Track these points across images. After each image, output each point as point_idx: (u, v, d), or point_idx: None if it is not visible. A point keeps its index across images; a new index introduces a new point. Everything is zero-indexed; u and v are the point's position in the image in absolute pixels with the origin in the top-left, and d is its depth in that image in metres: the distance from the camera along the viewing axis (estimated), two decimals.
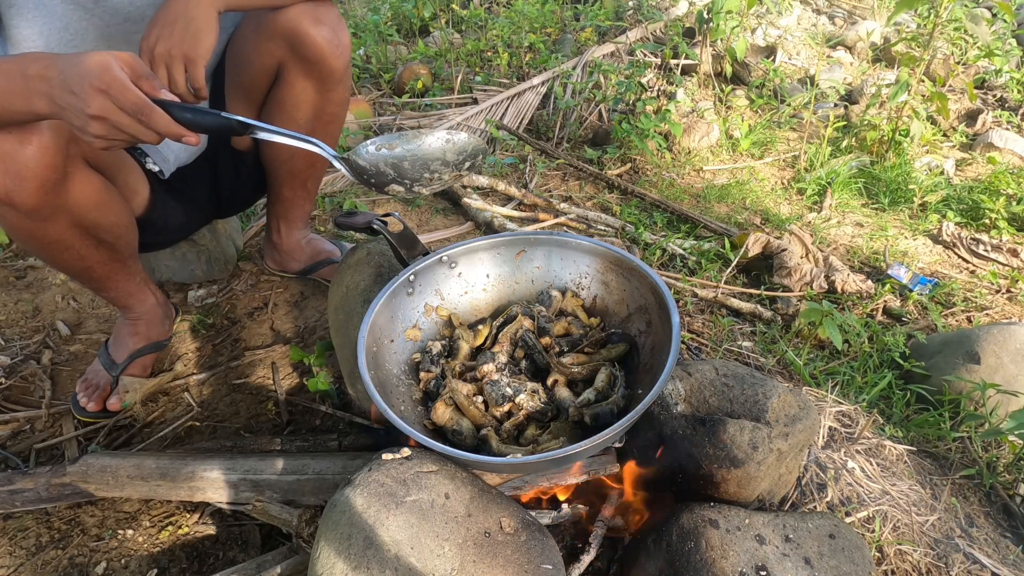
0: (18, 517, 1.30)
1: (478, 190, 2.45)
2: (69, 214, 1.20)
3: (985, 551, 1.27)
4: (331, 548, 0.90)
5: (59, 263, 1.34)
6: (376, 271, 1.42)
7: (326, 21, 1.33)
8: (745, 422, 1.12)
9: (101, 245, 1.31)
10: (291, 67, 1.39)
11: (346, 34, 1.38)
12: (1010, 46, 3.67)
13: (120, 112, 0.91)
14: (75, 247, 1.27)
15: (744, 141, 2.98)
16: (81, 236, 1.26)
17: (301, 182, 1.65)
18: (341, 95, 1.47)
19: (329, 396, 1.54)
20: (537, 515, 1.09)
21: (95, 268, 1.36)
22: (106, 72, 0.89)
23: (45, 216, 1.17)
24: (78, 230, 1.24)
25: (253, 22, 1.35)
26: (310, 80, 1.40)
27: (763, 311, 1.95)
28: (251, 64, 1.40)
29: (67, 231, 1.23)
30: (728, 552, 1.00)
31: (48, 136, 1.07)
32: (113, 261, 1.38)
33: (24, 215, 1.14)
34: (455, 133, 1.11)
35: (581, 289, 1.35)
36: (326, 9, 1.33)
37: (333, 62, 1.37)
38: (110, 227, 1.31)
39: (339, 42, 1.36)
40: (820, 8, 4.65)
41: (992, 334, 1.66)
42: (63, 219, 1.20)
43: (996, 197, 2.54)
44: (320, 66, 1.37)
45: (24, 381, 1.62)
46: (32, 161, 1.07)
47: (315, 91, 1.42)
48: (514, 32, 3.45)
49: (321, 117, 1.47)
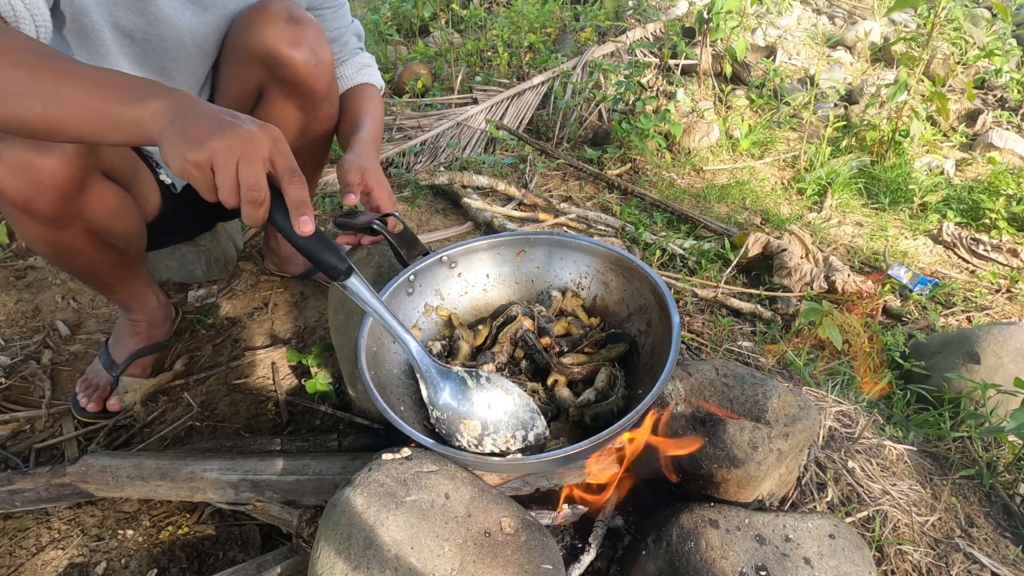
0: (18, 517, 1.30)
1: (478, 190, 2.45)
2: (84, 221, 1.21)
3: (985, 551, 1.27)
4: (331, 548, 0.90)
5: (69, 267, 1.35)
6: (376, 271, 1.42)
7: (304, 41, 1.29)
8: (745, 422, 1.12)
9: (112, 250, 1.32)
10: (272, 90, 1.36)
11: (327, 51, 1.33)
12: (1010, 46, 3.67)
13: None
14: (87, 252, 1.28)
15: (744, 141, 2.98)
16: (94, 242, 1.26)
17: None
18: (326, 112, 1.43)
19: (328, 397, 1.54)
20: (537, 515, 1.09)
21: (104, 272, 1.37)
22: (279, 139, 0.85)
23: (61, 223, 1.18)
24: (91, 236, 1.25)
25: (232, 48, 1.32)
26: (291, 101, 1.37)
27: (763, 311, 1.95)
28: (233, 89, 1.38)
29: (81, 237, 1.24)
30: (728, 552, 1.00)
31: (70, 146, 1.07)
32: (122, 265, 1.39)
33: (41, 222, 1.15)
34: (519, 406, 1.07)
35: (581, 289, 1.35)
36: (303, 29, 1.29)
37: (313, 83, 1.34)
38: (123, 234, 1.31)
39: (319, 61, 1.32)
40: (820, 8, 4.65)
41: (992, 334, 1.66)
42: (78, 226, 1.21)
43: (996, 197, 2.55)
44: (301, 87, 1.34)
45: (24, 381, 1.62)
46: (53, 171, 1.08)
47: (299, 111, 1.39)
48: (514, 32, 3.45)
49: (307, 135, 1.45)
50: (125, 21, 1.19)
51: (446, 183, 2.40)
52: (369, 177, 1.23)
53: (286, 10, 1.27)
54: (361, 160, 1.25)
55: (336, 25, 1.46)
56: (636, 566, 1.08)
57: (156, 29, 1.23)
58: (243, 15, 1.29)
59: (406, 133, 2.79)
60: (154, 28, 1.22)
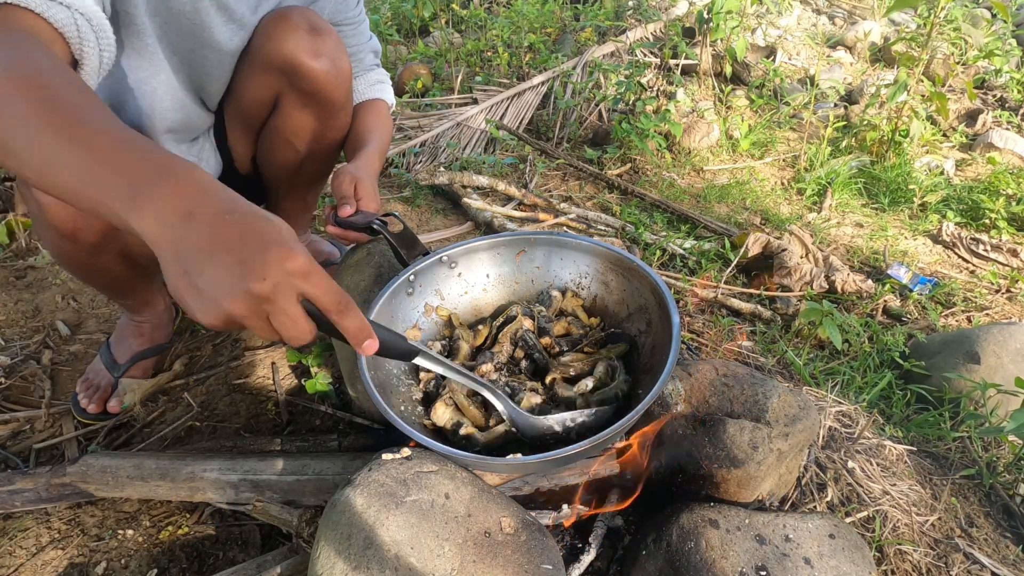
0: (18, 517, 1.30)
1: (478, 190, 2.45)
2: (121, 246, 1.23)
3: (985, 551, 1.27)
4: (331, 548, 0.90)
5: (93, 282, 1.38)
6: (376, 271, 1.42)
7: (324, 51, 1.28)
8: (745, 422, 1.12)
9: (137, 267, 1.34)
10: (290, 98, 1.36)
11: (345, 62, 1.33)
12: (1010, 46, 3.67)
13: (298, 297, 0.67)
14: (115, 271, 1.31)
15: (744, 141, 2.98)
16: (124, 263, 1.29)
17: (302, 196, 1.66)
18: (342, 121, 1.44)
19: (328, 397, 1.54)
20: (537, 515, 1.09)
21: (124, 284, 1.40)
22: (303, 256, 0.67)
23: (100, 250, 1.20)
24: (123, 258, 1.28)
25: (250, 56, 1.32)
26: (308, 110, 1.37)
27: (763, 311, 1.95)
28: (249, 97, 1.38)
29: (114, 260, 1.26)
30: (728, 552, 1.00)
31: None
32: (143, 277, 1.42)
33: (81, 249, 1.17)
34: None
35: (581, 289, 1.35)
36: (324, 39, 1.29)
37: (332, 93, 1.34)
38: (151, 254, 1.32)
39: (338, 72, 1.32)
40: (820, 8, 4.65)
41: (992, 334, 1.66)
42: (114, 250, 1.23)
43: (996, 197, 2.55)
44: (320, 97, 1.34)
45: (24, 381, 1.62)
46: None
47: (315, 120, 1.39)
48: (514, 32, 3.45)
49: (321, 142, 1.45)
50: (176, 41, 1.19)
51: (446, 183, 2.40)
52: (361, 188, 1.24)
53: (307, 20, 1.27)
54: (359, 172, 1.26)
55: (355, 42, 1.46)
56: (636, 566, 1.08)
57: (203, 51, 1.23)
58: (264, 24, 1.29)
59: (406, 133, 2.79)
60: (201, 49, 1.23)
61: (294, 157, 1.47)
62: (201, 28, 1.19)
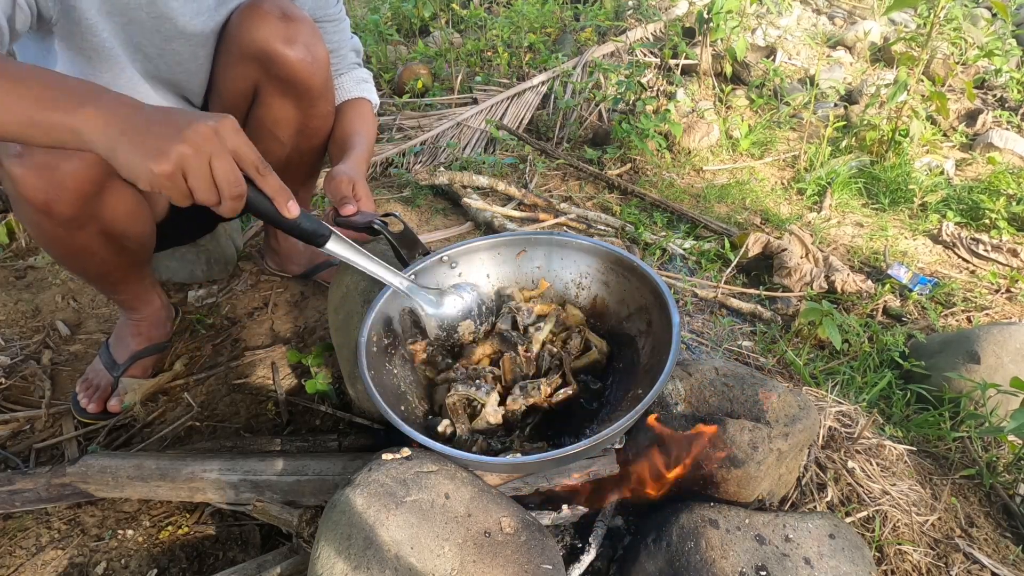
0: (18, 517, 1.30)
1: (478, 190, 2.45)
2: (100, 223, 1.22)
3: (985, 551, 1.27)
4: (331, 548, 0.90)
5: (80, 268, 1.35)
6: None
7: (298, 39, 1.28)
8: (745, 422, 1.12)
9: (123, 252, 1.33)
10: (268, 88, 1.35)
11: (321, 48, 1.33)
12: (1010, 46, 3.67)
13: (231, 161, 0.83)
14: (99, 254, 1.28)
15: (744, 141, 2.98)
16: (107, 244, 1.27)
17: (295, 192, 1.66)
18: (323, 109, 1.43)
19: (328, 397, 1.54)
20: (537, 515, 1.09)
21: (113, 273, 1.38)
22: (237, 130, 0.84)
23: (79, 225, 1.18)
24: (106, 238, 1.26)
25: (226, 48, 1.32)
26: (288, 99, 1.37)
27: (763, 311, 1.95)
28: (230, 89, 1.38)
29: (95, 239, 1.24)
30: (728, 552, 1.00)
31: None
32: (131, 266, 1.40)
33: (59, 223, 1.16)
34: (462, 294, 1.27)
35: (581, 289, 1.35)
36: (297, 26, 1.28)
37: (309, 79, 1.33)
38: (136, 236, 1.32)
39: (314, 58, 1.31)
40: (820, 8, 4.65)
41: (992, 334, 1.66)
42: (94, 227, 1.21)
43: (996, 197, 2.55)
44: (297, 85, 1.33)
45: (24, 381, 1.62)
46: (74, 173, 1.08)
47: (295, 108, 1.39)
48: (514, 32, 3.45)
49: (304, 132, 1.45)
50: (139, 38, 1.19)
51: (446, 183, 2.40)
52: (358, 188, 1.25)
53: (279, 7, 1.27)
54: (352, 173, 1.27)
55: (337, 39, 1.46)
56: (636, 566, 1.08)
57: (171, 44, 1.23)
58: (236, 14, 1.29)
59: (406, 133, 2.79)
60: (169, 43, 1.22)
61: (280, 150, 1.46)
62: (163, 20, 1.18)
